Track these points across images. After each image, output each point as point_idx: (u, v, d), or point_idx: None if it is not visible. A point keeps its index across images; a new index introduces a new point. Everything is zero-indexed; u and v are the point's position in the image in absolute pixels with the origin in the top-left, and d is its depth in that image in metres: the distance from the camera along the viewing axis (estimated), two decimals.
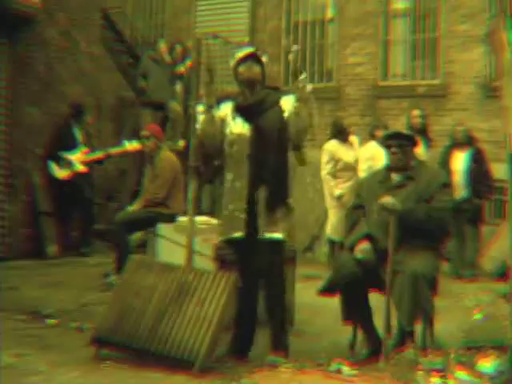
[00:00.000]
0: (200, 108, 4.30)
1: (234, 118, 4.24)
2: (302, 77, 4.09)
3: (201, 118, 4.25)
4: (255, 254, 4.10)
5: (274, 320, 4.15)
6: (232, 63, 4.30)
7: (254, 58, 4.26)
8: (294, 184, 4.38)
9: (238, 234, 4.12)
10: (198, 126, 4.31)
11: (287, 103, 4.18)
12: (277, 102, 4.20)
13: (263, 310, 4.23)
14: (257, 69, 4.25)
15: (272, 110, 4.17)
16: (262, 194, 4.08)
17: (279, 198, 4.13)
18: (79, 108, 8.50)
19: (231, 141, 4.21)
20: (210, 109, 4.21)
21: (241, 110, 4.23)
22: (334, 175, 7.81)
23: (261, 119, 4.14)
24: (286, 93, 4.30)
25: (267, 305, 4.18)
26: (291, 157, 4.23)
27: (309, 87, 4.12)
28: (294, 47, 4.24)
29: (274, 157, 4.08)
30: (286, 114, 4.14)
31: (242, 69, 4.23)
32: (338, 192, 7.72)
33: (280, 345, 4.13)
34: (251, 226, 4.08)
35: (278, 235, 4.09)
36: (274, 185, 4.10)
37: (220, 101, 4.37)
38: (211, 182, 9.23)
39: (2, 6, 7.11)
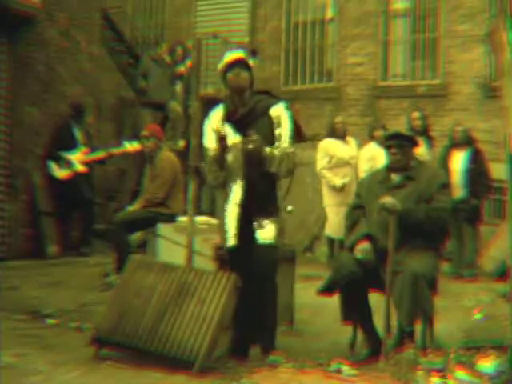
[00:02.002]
0: None
1: (223, 126, 4.20)
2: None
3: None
4: (250, 258, 4.12)
5: (264, 321, 4.15)
6: (219, 66, 4.24)
7: (241, 63, 4.18)
8: (294, 184, 4.38)
9: (233, 242, 4.15)
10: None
11: (276, 113, 4.16)
12: (266, 111, 4.17)
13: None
14: (245, 75, 4.17)
15: (262, 120, 4.15)
16: (253, 201, 4.11)
17: (269, 206, 4.16)
18: (79, 108, 8.50)
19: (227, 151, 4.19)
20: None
21: (231, 121, 4.21)
22: (329, 170, 7.86)
23: (251, 129, 4.10)
24: (276, 100, 4.25)
25: (259, 306, 4.17)
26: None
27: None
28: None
29: (263, 167, 4.07)
30: (275, 125, 4.13)
31: (230, 75, 4.16)
32: (340, 181, 7.75)
33: (269, 345, 4.13)
34: (246, 231, 4.11)
35: (268, 240, 4.11)
36: (264, 192, 4.14)
37: (209, 104, 4.36)
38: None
39: (2, 6, 7.10)
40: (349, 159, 7.87)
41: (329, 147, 7.92)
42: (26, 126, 7.99)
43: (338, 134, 7.99)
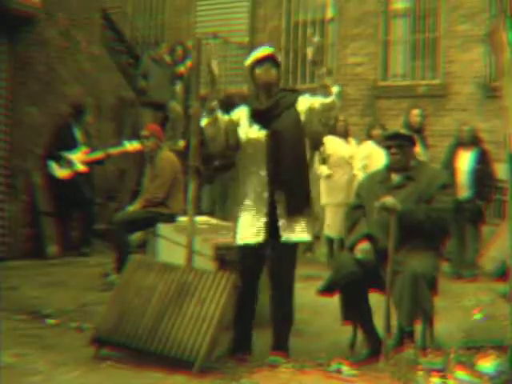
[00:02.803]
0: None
1: (250, 125, 4.16)
2: (320, 72, 4.01)
3: (204, 120, 4.20)
4: (273, 256, 4.10)
5: (280, 320, 4.15)
6: (248, 62, 4.22)
7: (271, 59, 4.17)
8: None
9: (257, 239, 4.07)
10: (201, 126, 4.27)
11: (303, 103, 4.13)
12: (292, 104, 4.14)
13: (268, 309, 4.23)
14: (274, 71, 4.17)
15: (287, 113, 4.11)
16: (281, 197, 4.05)
17: (299, 201, 4.10)
18: (80, 108, 8.50)
19: (247, 144, 4.15)
20: (212, 112, 4.12)
21: (256, 115, 4.16)
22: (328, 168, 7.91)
23: (276, 123, 4.08)
24: (302, 93, 4.24)
25: (274, 305, 4.17)
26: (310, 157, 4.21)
27: (335, 88, 4.02)
28: (315, 39, 4.04)
29: (291, 159, 4.04)
30: (301, 116, 4.10)
31: (259, 71, 4.15)
32: (326, 171, 7.82)
33: (282, 346, 4.13)
34: (272, 229, 4.07)
35: (300, 237, 4.08)
36: (293, 188, 4.06)
37: (226, 102, 4.33)
38: (211, 182, 9.23)
39: (2, 6, 7.10)
40: (348, 158, 7.88)
41: (329, 145, 7.93)
42: (26, 126, 7.99)
43: (340, 131, 8.00)
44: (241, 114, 4.26)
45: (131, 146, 7.82)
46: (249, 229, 4.10)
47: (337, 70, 10.43)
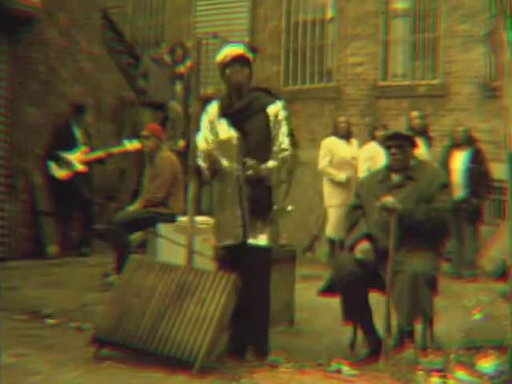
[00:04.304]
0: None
1: (219, 120, 4.18)
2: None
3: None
4: (244, 259, 4.10)
5: (255, 321, 4.15)
6: (219, 59, 4.17)
7: (242, 59, 4.13)
8: (294, 184, 4.39)
9: (231, 241, 4.11)
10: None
11: (274, 111, 4.12)
12: (263, 108, 4.13)
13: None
14: (245, 72, 4.14)
15: (258, 116, 4.11)
16: (246, 200, 4.07)
17: (262, 204, 4.12)
18: (80, 108, 8.50)
19: (220, 146, 4.17)
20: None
21: (227, 115, 4.17)
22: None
23: (246, 124, 4.10)
24: (273, 99, 4.21)
25: (249, 305, 4.14)
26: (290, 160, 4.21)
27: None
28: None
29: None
30: (271, 123, 4.09)
31: (229, 71, 4.12)
32: (344, 175, 7.77)
33: (259, 347, 4.11)
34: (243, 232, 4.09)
35: (261, 241, 4.08)
36: (257, 190, 4.08)
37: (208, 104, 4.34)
38: (211, 182, 9.20)
39: (2, 6, 7.10)
40: (350, 159, 7.87)
41: (331, 146, 7.93)
42: (26, 126, 7.99)
43: (341, 133, 8.00)
44: (213, 111, 4.24)
45: (131, 145, 7.82)
46: (225, 230, 4.14)
47: (337, 69, 10.42)
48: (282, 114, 4.15)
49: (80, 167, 8.25)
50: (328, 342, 4.61)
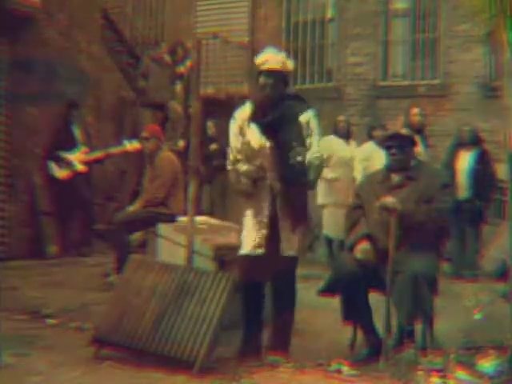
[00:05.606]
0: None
1: (248, 127, 4.12)
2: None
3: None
4: (273, 269, 4.09)
5: (280, 321, 4.17)
6: (257, 61, 4.12)
7: (278, 75, 4.06)
8: None
9: (260, 251, 4.06)
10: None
11: (305, 120, 4.10)
12: (296, 117, 4.08)
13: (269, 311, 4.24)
14: (278, 87, 4.07)
15: (291, 126, 4.05)
16: (283, 210, 4.05)
17: (300, 215, 4.12)
18: (73, 104, 8.44)
19: (252, 154, 4.10)
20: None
21: (260, 126, 4.10)
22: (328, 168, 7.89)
23: (280, 134, 4.02)
24: (305, 106, 4.17)
25: (275, 306, 4.20)
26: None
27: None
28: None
29: (295, 173, 3.98)
30: (303, 131, 4.06)
31: (262, 81, 4.07)
32: (331, 174, 7.74)
33: (282, 345, 4.13)
34: (273, 241, 4.05)
35: (293, 253, 4.09)
36: (296, 202, 4.07)
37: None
38: (211, 182, 9.24)
39: (1, 6, 7.10)
40: (348, 159, 7.86)
41: (330, 145, 7.91)
42: (26, 126, 7.99)
43: (340, 132, 7.99)
44: (244, 116, 4.18)
45: (131, 145, 7.82)
46: (250, 239, 4.10)
47: (337, 69, 10.43)
48: (313, 122, 4.13)
49: (80, 167, 8.25)
50: (328, 341, 4.61)
